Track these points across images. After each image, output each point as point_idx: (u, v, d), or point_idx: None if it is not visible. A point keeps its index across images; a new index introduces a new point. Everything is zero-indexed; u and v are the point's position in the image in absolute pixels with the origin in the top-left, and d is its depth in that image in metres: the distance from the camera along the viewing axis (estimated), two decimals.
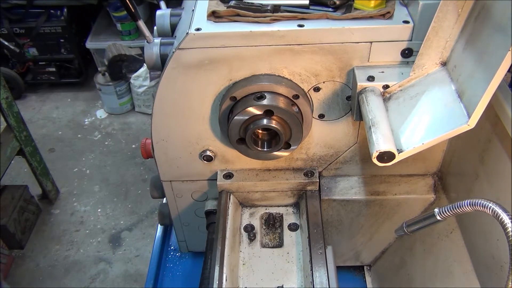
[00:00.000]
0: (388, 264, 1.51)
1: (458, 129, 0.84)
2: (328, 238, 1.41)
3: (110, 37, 3.22)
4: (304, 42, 0.98)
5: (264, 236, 1.24)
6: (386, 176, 1.28)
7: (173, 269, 1.63)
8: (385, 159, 0.88)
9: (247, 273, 1.15)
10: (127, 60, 2.92)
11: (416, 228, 0.89)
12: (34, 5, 3.08)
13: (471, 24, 0.87)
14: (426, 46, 0.93)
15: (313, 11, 1.00)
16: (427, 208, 1.30)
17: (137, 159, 3.06)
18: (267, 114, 1.02)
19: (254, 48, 0.99)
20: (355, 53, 1.00)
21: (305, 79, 1.06)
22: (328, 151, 1.23)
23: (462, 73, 0.88)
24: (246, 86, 1.03)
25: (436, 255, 1.26)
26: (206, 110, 1.11)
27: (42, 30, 3.13)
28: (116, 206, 2.86)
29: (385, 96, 0.99)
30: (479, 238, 1.06)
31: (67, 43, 3.22)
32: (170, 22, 1.22)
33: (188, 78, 1.04)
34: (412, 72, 0.97)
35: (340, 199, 1.29)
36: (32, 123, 3.48)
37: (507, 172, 0.92)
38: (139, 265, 2.62)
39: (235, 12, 0.99)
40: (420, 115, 0.92)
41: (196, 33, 0.97)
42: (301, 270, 1.14)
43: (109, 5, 3.14)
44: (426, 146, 0.88)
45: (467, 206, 0.75)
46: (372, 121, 0.91)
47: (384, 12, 0.97)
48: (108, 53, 2.90)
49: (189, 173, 1.27)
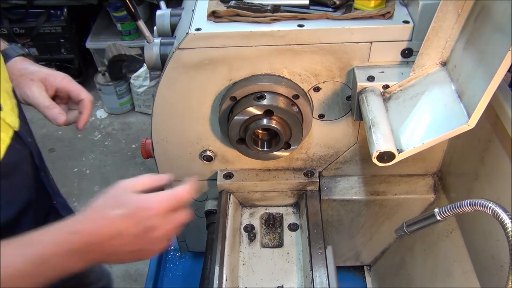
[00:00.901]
0: (388, 264, 1.51)
1: (458, 129, 0.84)
2: (328, 238, 1.41)
3: (110, 37, 3.22)
4: (304, 42, 0.98)
5: (264, 236, 1.24)
6: (386, 176, 1.28)
7: (173, 269, 1.63)
8: (385, 159, 0.88)
9: (247, 273, 1.15)
10: (127, 60, 2.91)
11: (416, 228, 0.89)
12: (34, 5, 3.08)
13: (471, 24, 0.87)
14: (426, 46, 0.93)
15: (313, 11, 1.00)
16: (427, 208, 1.30)
17: (137, 159, 3.06)
18: (267, 114, 1.02)
19: (254, 48, 0.99)
20: (355, 53, 1.00)
21: (305, 79, 1.06)
22: (328, 151, 1.23)
23: (462, 73, 0.88)
24: (246, 86, 1.03)
25: (436, 255, 1.26)
26: (206, 110, 1.11)
27: (42, 30, 3.13)
28: None
29: (385, 96, 0.99)
30: (479, 238, 1.06)
31: (67, 43, 3.22)
32: (170, 22, 1.22)
33: (188, 78, 1.04)
34: (412, 72, 0.97)
35: (340, 199, 1.29)
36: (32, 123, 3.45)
37: (507, 172, 0.92)
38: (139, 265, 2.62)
39: (235, 12, 0.99)
40: (420, 115, 0.92)
41: (196, 33, 0.97)
42: (301, 270, 1.14)
43: (109, 5, 3.13)
44: (426, 146, 0.88)
45: (467, 206, 0.75)
46: (372, 121, 0.91)
47: (384, 12, 0.97)
48: (108, 53, 2.89)
49: (189, 173, 1.26)
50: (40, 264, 0.63)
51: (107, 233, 0.67)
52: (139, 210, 0.68)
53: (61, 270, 0.66)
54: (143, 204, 0.69)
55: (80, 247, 0.65)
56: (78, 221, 0.68)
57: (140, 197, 0.70)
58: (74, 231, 0.66)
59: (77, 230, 0.66)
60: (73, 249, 0.65)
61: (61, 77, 0.98)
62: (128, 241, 0.68)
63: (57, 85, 0.98)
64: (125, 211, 0.67)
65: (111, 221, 0.67)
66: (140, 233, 0.68)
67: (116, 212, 0.67)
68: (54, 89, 0.98)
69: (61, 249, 0.64)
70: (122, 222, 0.67)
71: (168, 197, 0.72)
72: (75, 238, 0.65)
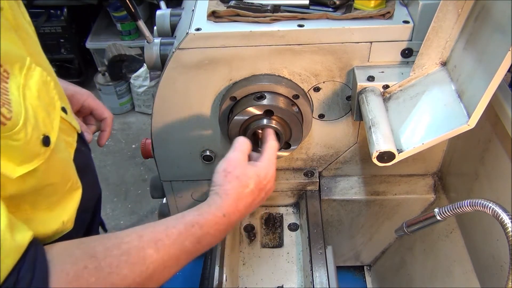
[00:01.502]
0: (388, 264, 1.51)
1: (458, 129, 0.84)
2: (328, 238, 1.41)
3: (110, 37, 3.22)
4: (304, 42, 0.98)
5: (264, 236, 1.24)
6: (386, 176, 1.29)
7: None
8: (385, 159, 0.88)
9: (247, 273, 1.15)
10: (127, 60, 2.91)
11: (416, 228, 0.89)
12: (34, 5, 3.07)
13: (471, 24, 0.87)
14: (426, 46, 0.93)
15: (313, 11, 1.00)
16: (427, 208, 1.30)
17: (137, 159, 3.06)
18: (267, 114, 1.02)
19: (254, 48, 0.99)
20: (355, 53, 1.00)
21: (305, 79, 1.06)
22: (328, 151, 1.23)
23: (462, 73, 0.88)
24: (246, 86, 1.03)
25: (436, 255, 1.26)
26: (206, 110, 1.11)
27: (42, 30, 3.12)
28: (116, 206, 2.86)
29: (385, 96, 0.99)
30: (479, 238, 1.06)
31: (67, 43, 3.22)
32: (170, 22, 1.22)
33: (188, 78, 1.04)
34: (412, 72, 0.97)
35: (340, 199, 1.29)
36: None
37: (507, 172, 0.92)
38: None
39: (235, 12, 0.99)
40: (420, 115, 0.92)
41: (196, 33, 0.97)
42: (301, 270, 1.14)
43: (109, 5, 3.13)
44: (426, 146, 0.88)
45: (467, 206, 0.75)
46: (372, 121, 0.91)
47: (384, 12, 0.97)
48: (108, 53, 2.89)
49: (189, 173, 1.27)
50: (196, 243, 0.72)
51: (244, 208, 0.82)
52: (261, 179, 0.84)
53: (209, 247, 0.76)
54: (261, 173, 0.84)
55: (226, 227, 0.78)
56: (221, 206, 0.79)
57: (256, 168, 0.84)
58: (220, 215, 0.77)
59: (223, 214, 0.77)
60: (220, 229, 0.77)
61: (86, 95, 1.04)
62: (255, 205, 0.85)
63: (83, 103, 1.04)
64: (252, 187, 0.82)
65: (245, 197, 0.81)
66: (263, 197, 0.86)
67: (247, 191, 0.81)
68: (79, 106, 1.04)
69: (212, 230, 0.75)
70: (253, 195, 0.83)
71: (271, 156, 0.89)
72: (222, 220, 0.77)
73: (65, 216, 0.75)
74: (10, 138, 0.56)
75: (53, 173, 0.69)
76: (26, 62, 0.63)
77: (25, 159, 0.61)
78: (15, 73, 0.60)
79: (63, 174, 0.74)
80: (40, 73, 0.66)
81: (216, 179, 0.82)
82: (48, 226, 0.72)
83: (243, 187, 0.81)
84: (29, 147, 0.61)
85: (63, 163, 0.74)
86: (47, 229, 0.72)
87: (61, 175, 0.73)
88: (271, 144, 0.91)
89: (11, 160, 0.58)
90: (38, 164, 0.63)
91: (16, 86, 0.59)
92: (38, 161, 0.63)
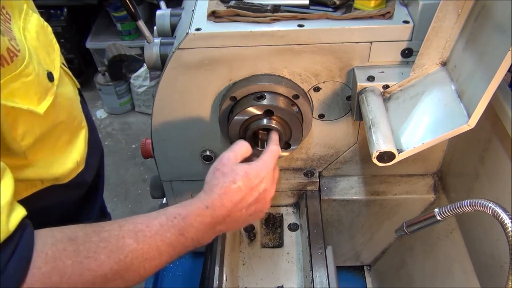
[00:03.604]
0: (388, 264, 1.51)
1: (458, 129, 0.84)
2: (328, 238, 1.41)
3: (110, 37, 3.22)
4: (304, 42, 0.98)
5: (264, 236, 1.24)
6: (386, 176, 1.29)
7: (173, 269, 1.63)
8: (385, 159, 0.88)
9: (247, 273, 1.15)
10: (127, 60, 2.91)
11: (416, 228, 0.89)
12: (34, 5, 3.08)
13: (471, 24, 0.87)
14: (426, 46, 0.93)
15: (313, 11, 1.00)
16: (427, 208, 1.30)
17: (137, 159, 3.06)
18: (267, 114, 1.02)
19: (254, 48, 0.99)
20: (355, 53, 1.00)
21: (305, 79, 1.06)
22: (328, 151, 1.23)
23: (462, 73, 0.88)
24: (246, 86, 1.03)
25: (436, 255, 1.26)
26: (206, 110, 1.11)
27: None
28: (116, 206, 2.86)
29: (385, 96, 0.99)
30: (479, 238, 1.06)
31: (67, 43, 3.22)
32: (170, 22, 1.22)
33: (188, 78, 1.04)
34: (412, 72, 0.97)
35: (340, 199, 1.29)
36: None
37: (507, 172, 0.92)
38: None
39: (235, 12, 0.99)
40: (420, 115, 0.92)
41: (196, 33, 0.97)
42: (301, 270, 1.14)
43: (109, 5, 3.13)
44: (426, 146, 0.88)
45: (467, 206, 0.75)
46: (372, 121, 0.91)
47: (384, 12, 0.97)
48: (108, 53, 2.89)
49: (189, 173, 1.27)
50: (179, 235, 0.71)
51: (231, 204, 0.78)
52: (251, 177, 0.80)
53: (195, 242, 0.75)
54: (251, 172, 0.81)
55: (211, 220, 0.75)
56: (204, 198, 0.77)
57: (247, 166, 0.82)
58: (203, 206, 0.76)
59: (206, 206, 0.76)
60: (204, 222, 0.74)
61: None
62: (247, 207, 0.80)
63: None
64: (240, 184, 0.79)
65: (231, 192, 0.78)
66: (256, 198, 0.81)
67: (233, 186, 0.78)
68: None
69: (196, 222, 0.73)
70: (241, 192, 0.78)
71: (269, 159, 0.86)
72: (205, 211, 0.75)
73: (77, 155, 0.83)
74: (22, 75, 0.62)
75: (61, 110, 0.76)
76: (24, 8, 0.71)
77: (41, 95, 0.68)
78: (15, 17, 0.67)
79: (70, 112, 0.81)
80: (38, 18, 0.75)
81: (206, 178, 0.82)
82: (65, 166, 0.80)
83: (230, 182, 0.79)
84: (39, 81, 0.67)
85: (69, 102, 0.81)
86: (65, 169, 0.80)
87: (68, 112, 0.80)
88: (272, 149, 0.90)
89: (32, 97, 0.65)
90: (51, 99, 0.70)
91: (17, 28, 0.66)
92: (51, 95, 0.71)
